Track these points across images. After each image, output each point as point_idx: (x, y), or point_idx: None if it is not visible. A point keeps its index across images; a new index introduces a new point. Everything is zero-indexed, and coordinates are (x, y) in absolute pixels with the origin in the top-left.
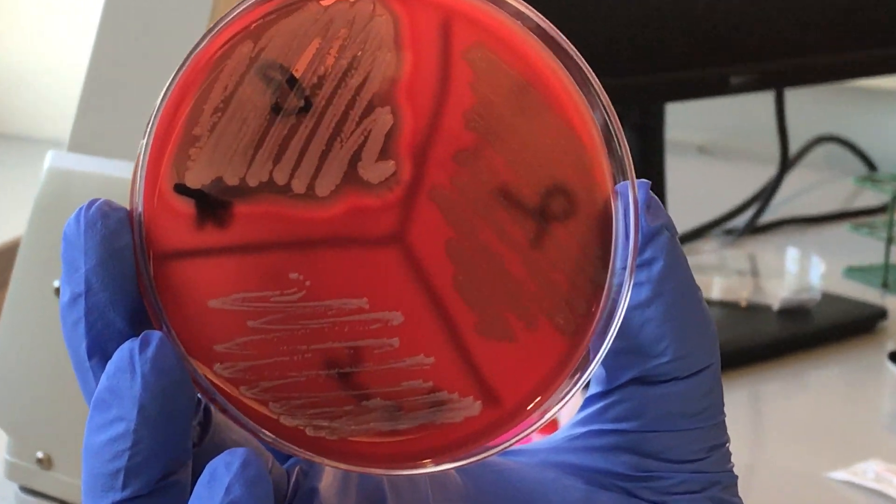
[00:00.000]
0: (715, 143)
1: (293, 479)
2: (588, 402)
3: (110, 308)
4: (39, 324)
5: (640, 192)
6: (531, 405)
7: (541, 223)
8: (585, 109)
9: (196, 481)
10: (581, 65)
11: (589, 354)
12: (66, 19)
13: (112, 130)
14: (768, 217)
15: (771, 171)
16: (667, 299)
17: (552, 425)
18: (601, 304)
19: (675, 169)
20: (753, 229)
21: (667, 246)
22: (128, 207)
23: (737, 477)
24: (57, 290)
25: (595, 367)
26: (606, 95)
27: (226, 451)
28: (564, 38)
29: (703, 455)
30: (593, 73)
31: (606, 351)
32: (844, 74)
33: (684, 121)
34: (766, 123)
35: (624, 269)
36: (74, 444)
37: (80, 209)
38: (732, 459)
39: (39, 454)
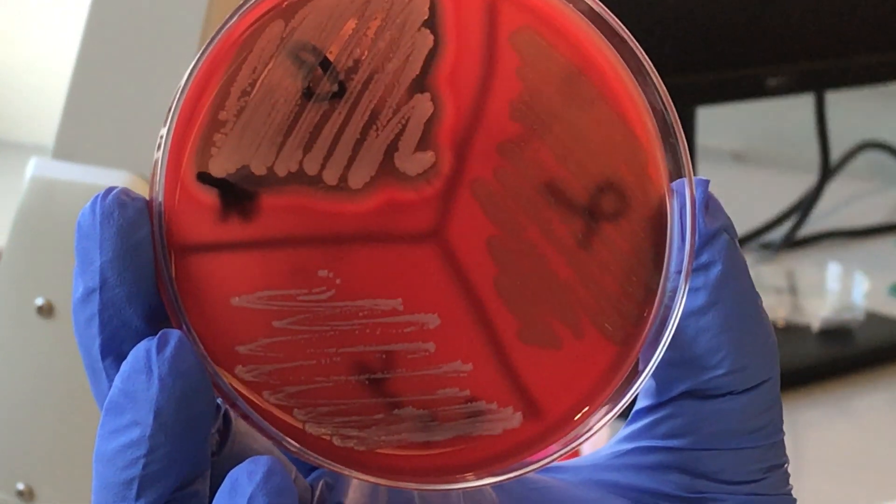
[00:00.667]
0: (750, 150)
1: (317, 493)
2: (636, 416)
3: (127, 304)
4: (21, 345)
5: (699, 190)
6: (575, 418)
7: (590, 222)
8: (640, 100)
9: (215, 493)
10: (637, 52)
11: (638, 364)
12: (50, 18)
13: (99, 137)
14: (808, 230)
15: (811, 179)
16: (725, 307)
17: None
18: (653, 311)
19: (708, 177)
20: (792, 243)
21: (726, 249)
22: (147, 197)
23: (795, 500)
24: (40, 308)
25: (646, 379)
26: (664, 85)
27: (248, 460)
28: (619, 22)
29: (760, 476)
30: (650, 62)
31: (658, 361)
32: (890, 76)
33: (718, 126)
34: (805, 129)
35: (678, 273)
36: (58, 474)
37: (96, 198)
38: None
39: (20, 486)
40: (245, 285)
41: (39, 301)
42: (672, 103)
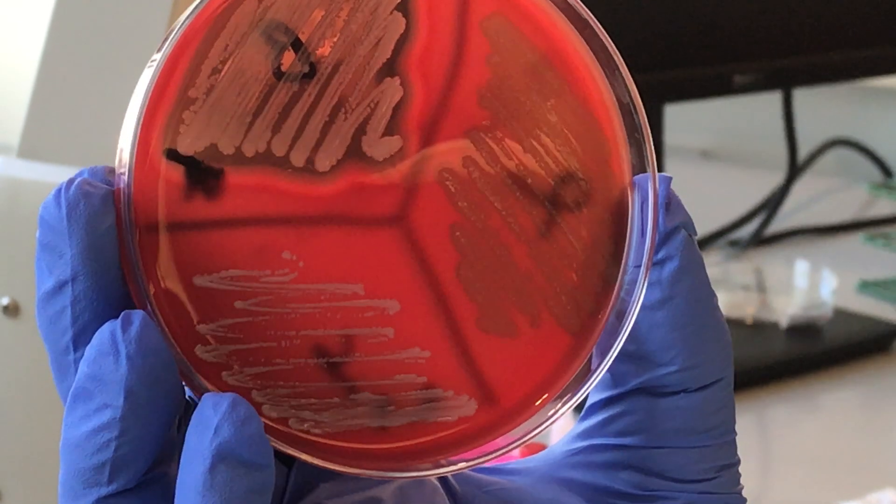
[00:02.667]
0: (718, 148)
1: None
2: (590, 410)
3: (98, 296)
4: None
5: (661, 186)
6: (531, 407)
7: (552, 212)
8: (607, 93)
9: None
10: (607, 45)
11: (592, 356)
12: (14, 17)
13: (64, 136)
14: (776, 227)
15: (779, 177)
16: (678, 303)
17: (534, 446)
18: (610, 303)
19: (676, 175)
20: (760, 240)
21: (683, 246)
22: (113, 174)
23: (745, 500)
24: (6, 308)
25: (604, 370)
26: (632, 80)
27: (210, 394)
28: (591, 14)
29: (712, 475)
30: (619, 55)
31: (616, 353)
32: (858, 73)
33: (685, 123)
34: (773, 126)
35: (637, 267)
36: (26, 474)
37: (59, 189)
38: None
39: None
40: (208, 265)
41: (5, 301)
42: (639, 98)
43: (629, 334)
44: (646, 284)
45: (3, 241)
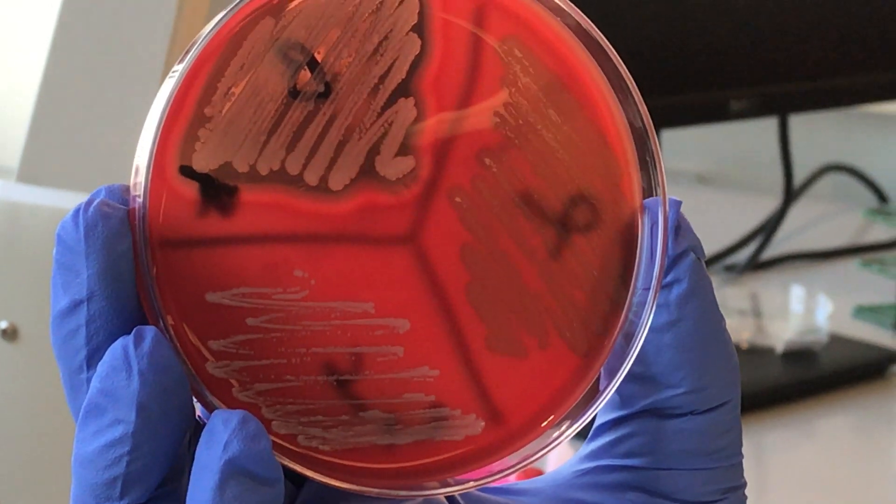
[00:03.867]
0: (714, 173)
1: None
2: (597, 431)
3: (113, 315)
4: None
5: (671, 211)
6: (537, 428)
7: (562, 233)
8: (620, 116)
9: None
10: (620, 69)
11: (600, 378)
12: (14, 42)
13: (64, 160)
14: (771, 252)
15: (774, 202)
16: (686, 325)
17: (532, 471)
18: (618, 325)
19: None
20: (755, 265)
21: (691, 269)
22: (129, 189)
23: None
24: (4, 332)
25: (611, 392)
26: (644, 104)
27: (220, 410)
28: (605, 39)
29: (718, 497)
30: (632, 79)
31: (623, 376)
32: (853, 99)
33: (682, 148)
34: (769, 152)
35: (646, 289)
36: (23, 495)
37: (78, 209)
38: None
39: None
40: (221, 282)
41: (3, 324)
42: (651, 122)
43: (637, 356)
44: (654, 307)
45: (2, 265)
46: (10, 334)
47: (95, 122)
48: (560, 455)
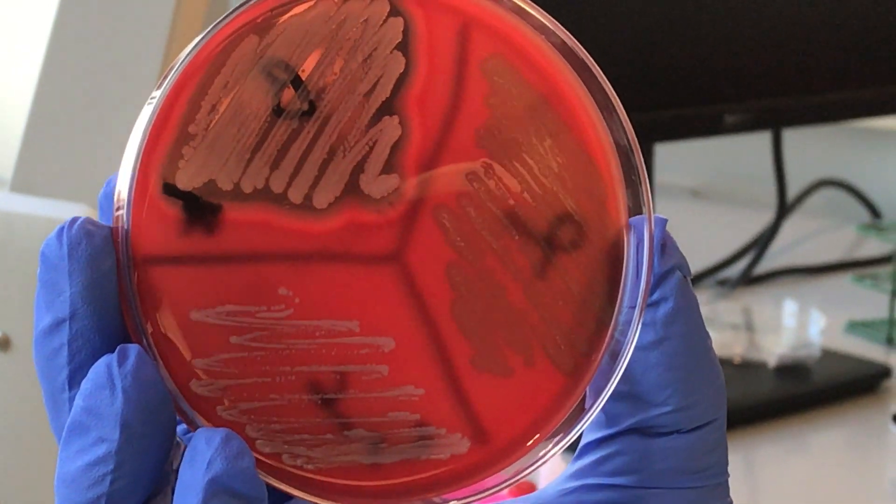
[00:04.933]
0: (708, 187)
1: None
2: (584, 450)
3: (96, 334)
4: None
5: (657, 229)
6: (523, 447)
7: (547, 252)
8: (605, 134)
9: None
10: (605, 87)
11: (586, 396)
12: (8, 51)
13: (57, 170)
14: (764, 267)
15: (768, 217)
16: (673, 344)
17: (526, 487)
18: (604, 344)
19: (666, 214)
20: (748, 280)
21: (677, 288)
22: (112, 206)
23: None
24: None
25: (596, 411)
26: (629, 122)
27: (203, 429)
28: (589, 57)
29: None
30: (617, 97)
31: (609, 394)
32: (847, 114)
33: (675, 162)
34: (762, 166)
35: (632, 308)
36: None
37: (62, 228)
38: None
39: None
40: (205, 300)
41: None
42: (636, 140)
43: (623, 374)
44: (640, 326)
45: None
46: (3, 344)
47: (89, 132)
48: (552, 470)
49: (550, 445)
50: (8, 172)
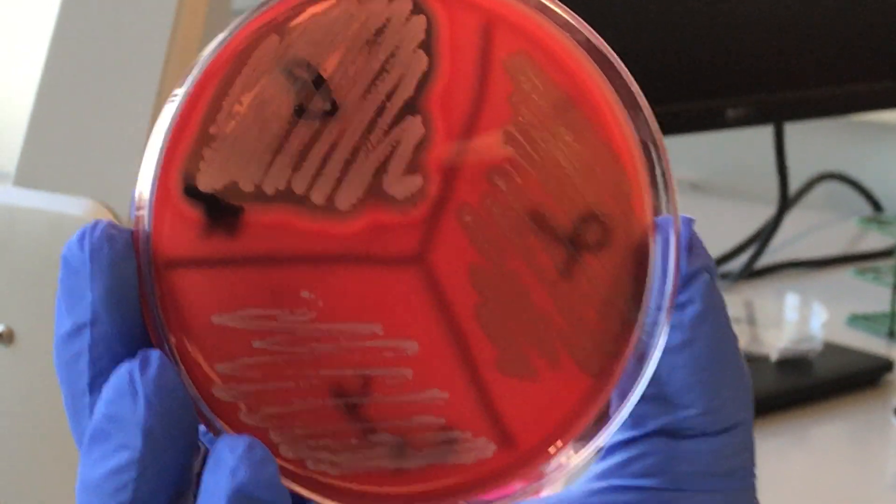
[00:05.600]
0: (709, 181)
1: None
2: (609, 451)
3: (117, 340)
4: None
5: (684, 228)
6: (548, 451)
7: (572, 252)
8: (630, 133)
9: None
10: (630, 85)
11: (612, 400)
12: (11, 45)
13: (61, 164)
14: (766, 260)
15: (769, 211)
16: (700, 346)
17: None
18: (630, 345)
19: None
20: (750, 273)
21: (705, 289)
22: (133, 209)
23: None
24: (0, 336)
25: (624, 415)
26: (655, 120)
27: (227, 435)
28: (614, 54)
29: None
30: (643, 95)
31: (636, 398)
32: (849, 108)
33: (677, 156)
34: (764, 160)
35: (658, 309)
36: (17, 500)
37: (83, 232)
38: None
39: None
40: (227, 303)
41: (0, 327)
42: (662, 138)
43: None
44: (667, 327)
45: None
46: (6, 337)
47: (93, 127)
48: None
49: (577, 448)
50: (11, 166)
